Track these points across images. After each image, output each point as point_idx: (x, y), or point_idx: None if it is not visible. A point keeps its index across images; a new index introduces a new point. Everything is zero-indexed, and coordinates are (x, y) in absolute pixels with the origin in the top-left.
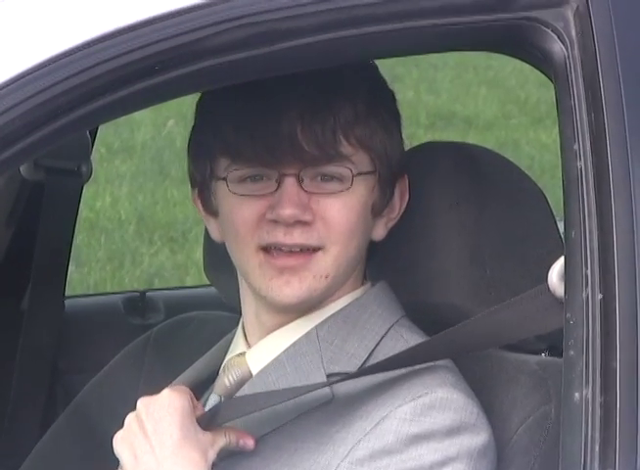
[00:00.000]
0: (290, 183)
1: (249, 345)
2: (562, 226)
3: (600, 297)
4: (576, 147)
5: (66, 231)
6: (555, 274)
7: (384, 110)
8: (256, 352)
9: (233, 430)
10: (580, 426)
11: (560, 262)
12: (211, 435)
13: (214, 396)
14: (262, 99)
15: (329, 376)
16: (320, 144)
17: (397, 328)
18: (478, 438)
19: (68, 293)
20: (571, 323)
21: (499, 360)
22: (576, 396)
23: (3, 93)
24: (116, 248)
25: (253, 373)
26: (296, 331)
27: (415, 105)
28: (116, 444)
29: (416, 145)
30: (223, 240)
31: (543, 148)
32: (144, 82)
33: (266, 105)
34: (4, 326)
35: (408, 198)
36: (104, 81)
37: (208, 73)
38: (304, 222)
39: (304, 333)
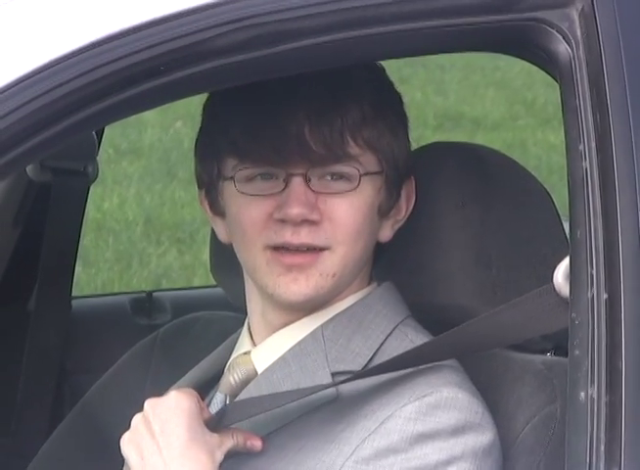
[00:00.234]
0: (297, 183)
1: (254, 343)
2: (567, 226)
3: (605, 296)
4: (582, 147)
5: (72, 232)
6: (560, 274)
7: (391, 112)
8: (262, 350)
9: (240, 431)
10: (586, 425)
11: (565, 263)
12: (219, 436)
13: (219, 394)
14: (270, 100)
15: (334, 375)
16: (328, 144)
17: (402, 328)
18: (483, 437)
19: (76, 293)
20: (577, 323)
21: (505, 360)
22: (582, 395)
23: (9, 94)
24: (124, 248)
25: (259, 372)
26: (301, 330)
27: (423, 106)
28: (124, 445)
29: (423, 145)
30: (230, 241)
31: (551, 149)
32: (149, 83)
33: (274, 105)
34: (11, 327)
35: (415, 200)
36: (109, 82)
37: (214, 74)
38: (312, 222)
39: (310, 332)
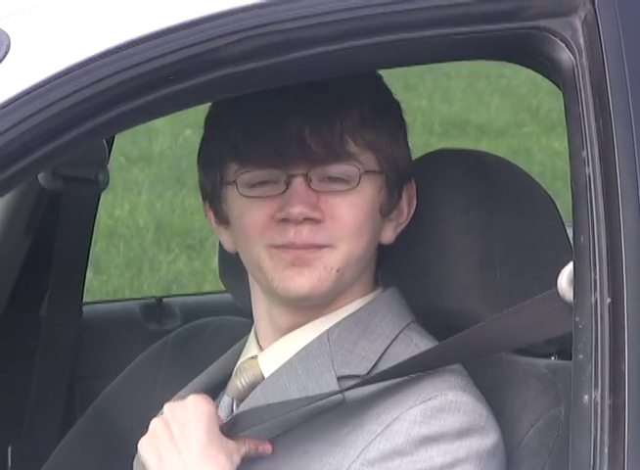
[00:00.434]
0: (298, 183)
1: (261, 348)
2: (571, 232)
3: (608, 301)
4: (585, 154)
5: (83, 239)
6: (564, 279)
7: (390, 116)
8: (268, 355)
9: (251, 438)
10: (590, 428)
11: (569, 267)
12: (234, 442)
13: (227, 398)
14: (270, 105)
15: (339, 378)
16: (328, 144)
17: (407, 332)
18: (487, 439)
19: (87, 299)
20: (581, 327)
21: (509, 364)
22: (586, 398)
23: (21, 102)
24: (135, 255)
25: (265, 376)
26: (307, 335)
27: (429, 113)
28: (142, 447)
29: (428, 152)
30: (236, 249)
31: (555, 155)
32: (159, 92)
33: (273, 109)
34: (23, 332)
35: (416, 203)
36: (120, 91)
37: (223, 83)
38: (314, 220)
39: (316, 336)
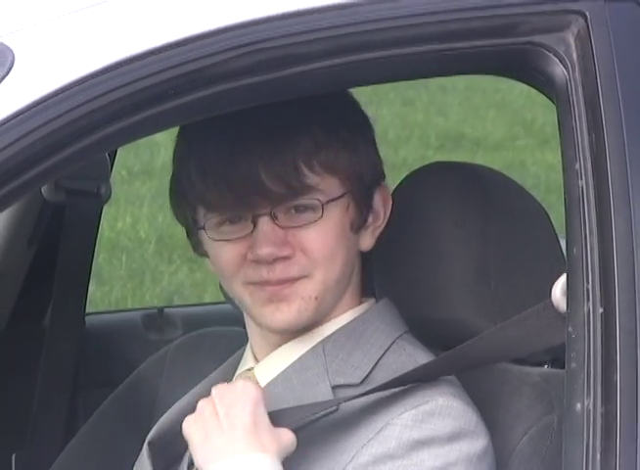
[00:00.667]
0: (264, 222)
1: (257, 360)
2: (564, 243)
3: (601, 311)
4: (578, 166)
5: (86, 250)
6: (558, 290)
7: (343, 128)
8: (264, 366)
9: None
10: (582, 435)
11: (563, 279)
12: (283, 430)
13: None
14: (223, 146)
15: (334, 388)
16: (284, 180)
17: (400, 342)
18: (476, 443)
19: (90, 310)
20: (573, 336)
21: (503, 372)
22: (578, 406)
23: (25, 116)
24: (137, 266)
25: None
26: (301, 346)
27: (425, 127)
28: (187, 425)
29: (425, 165)
30: None
31: (549, 168)
32: (160, 106)
33: (227, 151)
34: (27, 342)
35: (392, 203)
36: (121, 105)
37: (221, 98)
38: (284, 257)
39: (310, 347)
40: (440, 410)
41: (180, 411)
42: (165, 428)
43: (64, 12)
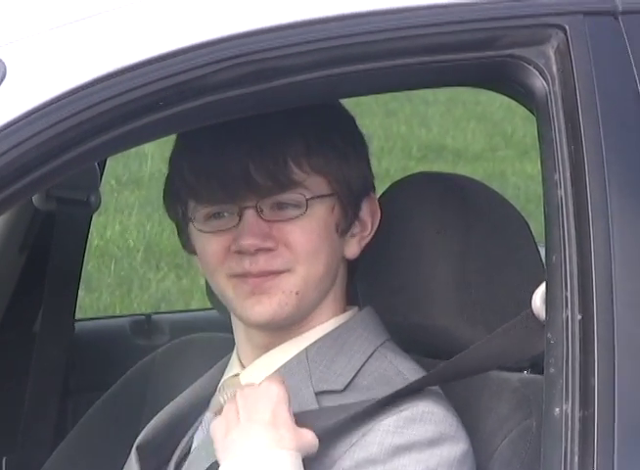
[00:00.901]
0: (250, 215)
1: (243, 366)
2: (543, 251)
3: (579, 317)
4: (557, 177)
5: (76, 258)
6: (538, 299)
7: (338, 137)
8: (249, 373)
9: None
10: (560, 439)
11: (542, 287)
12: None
13: (209, 414)
14: (217, 141)
15: (317, 394)
16: (272, 174)
17: (382, 350)
18: (457, 448)
19: (79, 316)
20: (552, 342)
21: (483, 378)
22: (557, 411)
23: (16, 127)
24: (125, 274)
25: None
26: (286, 352)
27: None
28: (213, 425)
29: (407, 175)
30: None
31: (528, 178)
32: (149, 117)
33: (221, 147)
34: (17, 347)
35: (380, 215)
36: (111, 116)
37: (210, 109)
38: (267, 249)
39: (294, 354)
40: (422, 416)
41: (168, 416)
42: (154, 432)
43: (55, 25)
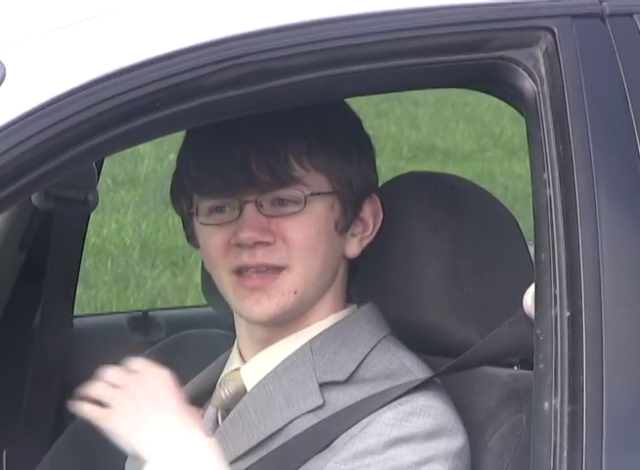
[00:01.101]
0: (249, 209)
1: (243, 361)
2: (532, 249)
3: (568, 314)
4: (546, 176)
5: (74, 255)
6: (529, 298)
7: (341, 137)
8: (249, 367)
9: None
10: (550, 433)
11: (533, 287)
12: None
13: (211, 408)
14: (222, 137)
15: (321, 385)
16: (272, 170)
17: (385, 343)
18: (454, 442)
19: (77, 312)
20: (541, 339)
21: (474, 374)
22: (546, 405)
23: (15, 128)
24: (122, 271)
25: (247, 387)
26: (285, 348)
27: (398, 139)
28: (106, 421)
29: (398, 175)
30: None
31: (516, 178)
32: (145, 118)
33: (225, 143)
34: (17, 343)
35: (385, 219)
36: (108, 117)
37: (206, 110)
38: (265, 243)
39: (295, 348)
40: (421, 410)
41: None
42: None
43: (54, 27)
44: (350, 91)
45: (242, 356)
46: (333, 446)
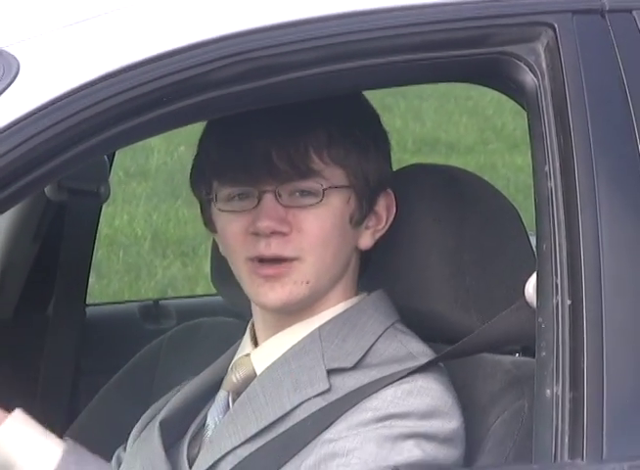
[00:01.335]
0: (268, 199)
1: (255, 346)
2: (534, 240)
3: (569, 303)
4: (547, 168)
5: (86, 246)
6: (531, 287)
7: (359, 131)
8: (260, 353)
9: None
10: (551, 419)
11: (534, 277)
12: None
13: (223, 391)
14: (244, 127)
15: (329, 371)
16: (292, 161)
17: (392, 330)
18: (448, 424)
19: (89, 301)
20: (543, 327)
21: (478, 360)
22: (548, 392)
23: (29, 121)
24: (133, 261)
25: (257, 372)
26: (295, 334)
27: (402, 132)
28: None
29: (403, 166)
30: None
31: (518, 170)
32: (154, 112)
33: (247, 132)
34: (31, 331)
35: (395, 211)
36: (119, 111)
37: (212, 104)
38: (281, 233)
39: (305, 335)
40: (419, 390)
41: (186, 395)
42: (174, 410)
43: (65, 24)
44: (354, 86)
45: (254, 341)
46: (335, 424)
